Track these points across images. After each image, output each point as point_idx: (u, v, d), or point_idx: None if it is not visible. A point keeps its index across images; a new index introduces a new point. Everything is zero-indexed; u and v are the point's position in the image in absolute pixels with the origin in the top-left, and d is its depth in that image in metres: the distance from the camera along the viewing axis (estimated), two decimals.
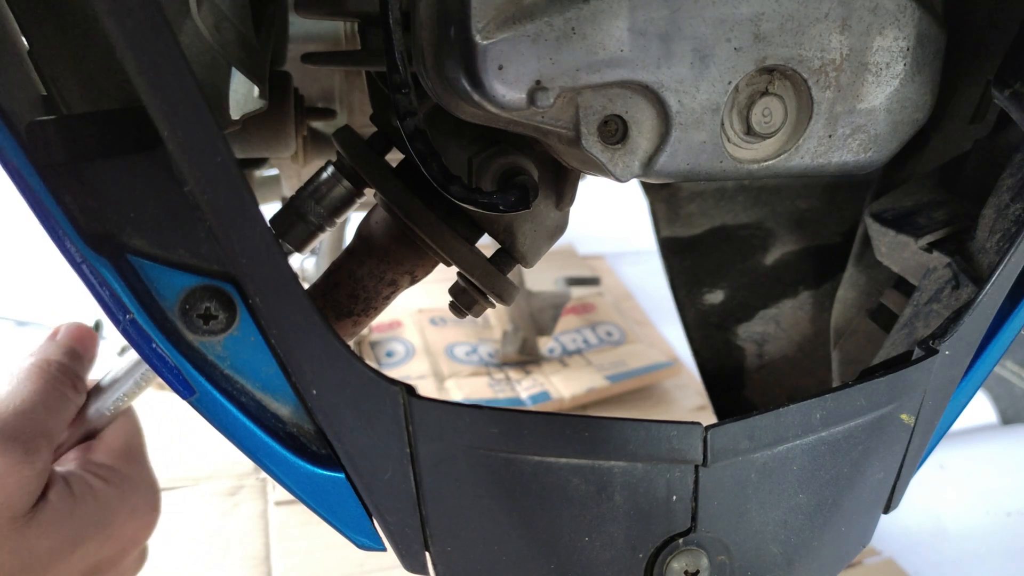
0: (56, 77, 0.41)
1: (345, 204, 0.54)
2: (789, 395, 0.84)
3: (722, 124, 0.43)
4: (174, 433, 1.38)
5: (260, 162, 0.95)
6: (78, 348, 0.54)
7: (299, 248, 0.54)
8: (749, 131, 0.43)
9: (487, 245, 0.54)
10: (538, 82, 0.38)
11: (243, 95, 0.54)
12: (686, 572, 0.44)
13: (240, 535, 1.23)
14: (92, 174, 0.36)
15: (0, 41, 0.40)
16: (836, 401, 0.43)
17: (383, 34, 0.40)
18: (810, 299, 0.82)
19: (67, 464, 0.51)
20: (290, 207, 0.53)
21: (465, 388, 1.62)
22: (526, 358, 1.70)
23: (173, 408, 1.34)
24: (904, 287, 0.64)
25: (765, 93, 0.43)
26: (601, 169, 0.43)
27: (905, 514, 1.37)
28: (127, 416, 0.55)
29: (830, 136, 0.45)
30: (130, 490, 0.52)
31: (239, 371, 0.39)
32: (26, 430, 0.46)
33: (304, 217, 0.53)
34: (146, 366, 0.56)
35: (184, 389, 0.38)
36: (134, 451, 0.54)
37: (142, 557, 0.57)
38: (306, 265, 1.69)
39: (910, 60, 0.45)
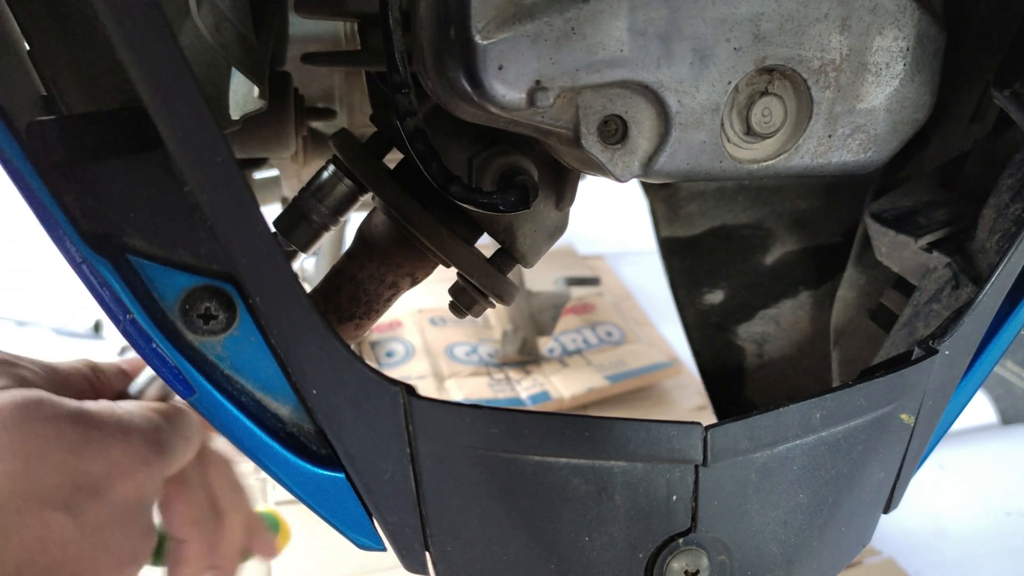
0: (56, 77, 0.41)
1: (348, 202, 0.54)
2: (789, 395, 0.84)
3: (722, 124, 0.43)
4: None
5: (260, 162, 0.95)
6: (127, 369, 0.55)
7: (304, 248, 0.54)
8: (749, 131, 0.43)
9: (487, 245, 0.54)
10: (538, 82, 0.38)
11: (243, 95, 0.54)
12: (686, 572, 0.44)
13: None
14: (92, 174, 0.36)
15: (0, 41, 0.40)
16: (836, 401, 0.43)
17: (383, 34, 0.40)
18: (810, 299, 0.82)
19: None
20: (293, 207, 0.53)
21: (465, 388, 1.62)
22: (526, 358, 1.70)
23: None
24: (904, 287, 0.64)
25: (765, 93, 0.43)
26: (601, 169, 0.43)
27: (905, 514, 1.37)
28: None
29: (830, 136, 0.45)
30: (128, 421, 0.48)
31: (239, 371, 0.39)
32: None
33: (307, 217, 0.53)
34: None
35: (184, 389, 0.38)
36: (172, 414, 0.50)
37: (144, 519, 0.50)
38: (306, 266, 1.69)
39: (910, 60, 0.45)
